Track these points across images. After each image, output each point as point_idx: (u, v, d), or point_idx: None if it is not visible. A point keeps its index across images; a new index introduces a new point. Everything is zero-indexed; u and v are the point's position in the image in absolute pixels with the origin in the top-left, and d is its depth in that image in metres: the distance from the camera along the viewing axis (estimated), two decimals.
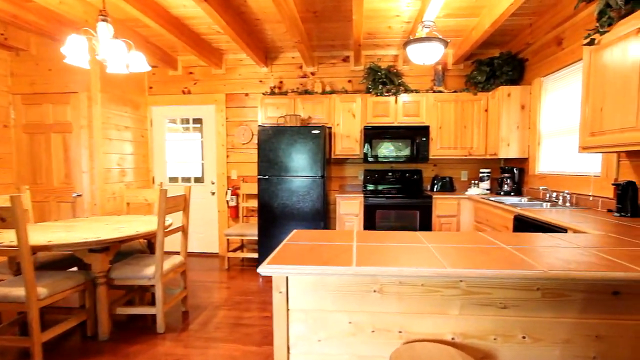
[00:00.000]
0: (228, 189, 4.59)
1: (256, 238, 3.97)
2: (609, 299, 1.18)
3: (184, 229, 2.77)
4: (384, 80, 4.04)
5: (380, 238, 1.48)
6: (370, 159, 4.02)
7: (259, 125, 3.73)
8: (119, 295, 2.74)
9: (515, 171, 3.67)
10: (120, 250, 2.85)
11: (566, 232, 1.89)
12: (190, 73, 4.58)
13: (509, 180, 3.71)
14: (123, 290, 2.84)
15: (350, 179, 4.49)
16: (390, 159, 3.99)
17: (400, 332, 1.22)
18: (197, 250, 4.82)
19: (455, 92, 4.02)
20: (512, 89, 3.59)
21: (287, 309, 1.20)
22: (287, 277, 1.18)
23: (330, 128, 4.20)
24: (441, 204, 3.74)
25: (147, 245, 3.05)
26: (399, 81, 4.09)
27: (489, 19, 2.97)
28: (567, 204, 2.72)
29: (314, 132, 3.68)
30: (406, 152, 3.97)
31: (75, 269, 2.75)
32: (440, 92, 4.06)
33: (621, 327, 1.19)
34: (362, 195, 3.83)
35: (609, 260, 1.19)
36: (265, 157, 3.75)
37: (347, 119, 4.10)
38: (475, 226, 3.40)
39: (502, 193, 3.72)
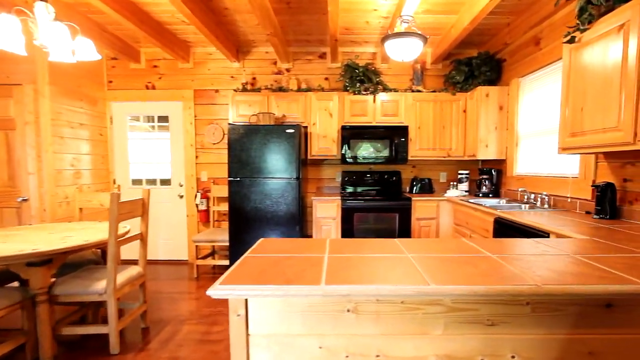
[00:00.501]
0: (198, 192, 4.34)
1: (228, 244, 3.76)
2: (602, 312, 1.09)
3: (142, 237, 2.53)
4: (362, 78, 3.94)
5: (356, 248, 1.34)
6: (348, 160, 3.90)
7: (229, 124, 3.54)
8: (70, 312, 2.48)
9: (493, 173, 3.66)
10: (70, 262, 2.58)
11: (548, 236, 1.83)
12: (155, 67, 4.31)
13: (487, 182, 3.69)
14: (75, 306, 2.57)
15: (327, 180, 4.36)
16: (369, 160, 3.90)
17: (377, 356, 1.08)
18: (164, 258, 4.54)
19: (434, 92, 3.98)
20: (490, 89, 3.58)
21: (247, 334, 1.04)
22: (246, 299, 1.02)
23: (306, 127, 4.05)
24: (421, 207, 3.67)
25: (102, 256, 2.79)
26: (377, 79, 4.00)
27: (469, 16, 2.92)
28: (546, 206, 2.70)
29: (288, 131, 3.52)
30: (385, 152, 3.89)
31: (16, 283, 2.46)
32: (419, 91, 4.00)
33: (614, 342, 1.11)
34: (340, 197, 3.70)
35: (603, 270, 1.10)
36: (237, 158, 3.55)
37: (324, 118, 3.96)
38: (455, 229, 3.34)
39: (480, 195, 3.70)
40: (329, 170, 4.36)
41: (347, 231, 3.69)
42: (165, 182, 4.48)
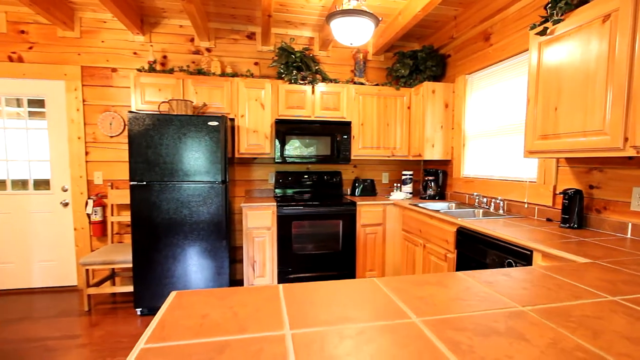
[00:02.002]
0: (90, 198, 3.43)
1: (131, 265, 2.98)
2: None
3: None
4: (299, 64, 3.47)
5: (334, 311, 0.88)
6: (284, 159, 3.41)
7: (131, 112, 2.76)
8: None
9: (439, 174, 3.52)
10: None
11: (531, 254, 1.61)
12: (23, 32, 3.25)
13: (432, 184, 3.55)
14: None
15: (258, 182, 3.82)
16: (307, 159, 3.46)
17: None
18: (44, 285, 3.52)
19: (377, 85, 3.70)
20: (436, 85, 3.41)
21: None
22: None
23: (233, 120, 3.45)
24: (366, 212, 3.37)
25: None
26: (317, 68, 3.57)
27: (422, 1, 2.65)
28: (501, 212, 2.59)
29: (211, 123, 2.89)
30: (325, 151, 3.49)
31: None
32: (361, 84, 3.68)
33: None
34: (275, 203, 3.20)
35: None
36: (142, 156, 2.80)
37: (255, 109, 3.41)
38: (404, 236, 3.11)
39: (426, 197, 3.55)
40: (260, 170, 3.81)
41: (285, 243, 3.21)
42: (42, 184, 3.44)
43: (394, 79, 3.86)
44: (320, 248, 3.31)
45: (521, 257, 1.67)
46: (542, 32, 1.87)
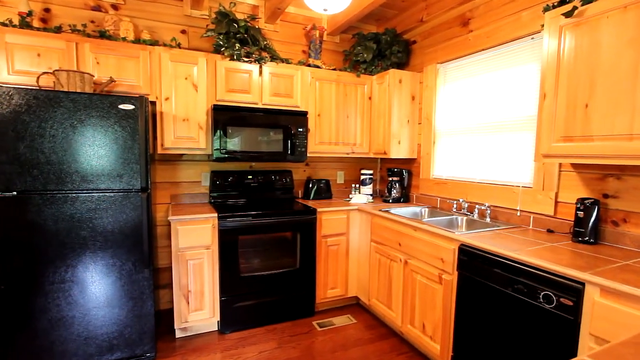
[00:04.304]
0: None
1: None
2: None
3: None
4: (244, 36, 2.81)
5: None
6: (225, 156, 2.74)
7: None
8: None
9: (404, 174, 3.22)
10: None
11: (583, 287, 1.32)
12: None
13: (397, 185, 3.23)
14: None
15: (188, 185, 3.06)
16: (254, 156, 2.84)
17: None
18: None
19: (335, 70, 3.23)
20: (403, 74, 3.07)
21: None
22: None
23: (154, 104, 2.65)
24: (328, 220, 2.90)
25: None
26: (265, 43, 2.95)
27: None
28: (487, 219, 2.35)
29: (124, 107, 2.09)
30: (276, 147, 2.91)
31: None
32: (317, 67, 3.17)
33: None
34: (216, 213, 2.53)
35: None
36: (7, 153, 1.89)
37: (184, 91, 2.66)
38: (376, 248, 2.72)
39: (390, 200, 3.22)
40: (190, 170, 3.06)
41: (229, 263, 2.57)
42: None
43: (352, 64, 3.43)
44: (274, 267, 2.74)
45: (566, 290, 1.36)
46: (569, 13, 1.60)
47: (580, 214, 1.76)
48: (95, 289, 2.10)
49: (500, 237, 1.89)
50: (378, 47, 3.25)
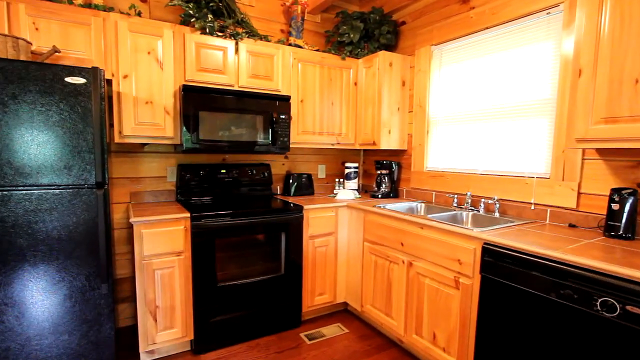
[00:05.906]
0: None
1: None
2: None
3: None
4: (217, 5, 2.47)
5: None
6: (194, 146, 2.39)
7: None
8: None
9: (394, 167, 3.04)
10: None
11: None
12: None
13: (386, 179, 3.05)
14: None
15: (151, 181, 2.67)
16: (229, 147, 2.52)
17: None
18: None
19: (318, 50, 2.97)
20: (394, 57, 2.89)
21: None
22: None
23: (110, 82, 2.24)
24: (315, 219, 2.64)
25: None
26: (242, 17, 2.63)
27: None
28: (496, 214, 2.21)
29: (72, 80, 1.70)
30: (255, 136, 2.60)
31: None
32: (299, 46, 2.90)
33: None
34: (188, 214, 2.18)
35: None
36: None
37: (147, 68, 2.27)
38: (371, 249, 2.50)
39: (379, 195, 3.03)
40: (154, 162, 2.67)
41: (204, 272, 2.24)
42: None
43: (336, 46, 3.19)
44: (256, 273, 2.45)
45: (634, 295, 1.21)
46: None
47: (615, 206, 1.65)
48: (36, 312, 1.69)
49: (523, 233, 1.75)
50: (365, 27, 3.03)
